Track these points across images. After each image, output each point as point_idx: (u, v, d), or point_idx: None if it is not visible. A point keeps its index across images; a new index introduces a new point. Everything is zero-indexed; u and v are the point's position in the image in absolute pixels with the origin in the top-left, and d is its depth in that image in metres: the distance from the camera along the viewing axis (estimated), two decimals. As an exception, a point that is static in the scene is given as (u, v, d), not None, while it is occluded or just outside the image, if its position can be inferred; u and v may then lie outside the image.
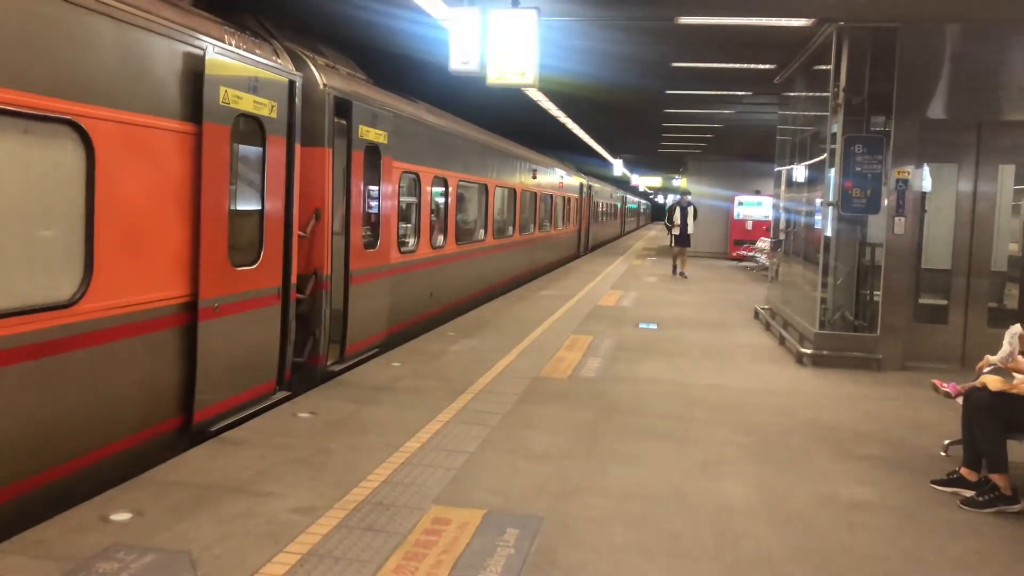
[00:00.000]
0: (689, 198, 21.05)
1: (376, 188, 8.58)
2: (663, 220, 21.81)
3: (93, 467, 4.64)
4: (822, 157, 9.69)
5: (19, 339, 4.04)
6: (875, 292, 9.08)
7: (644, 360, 8.94)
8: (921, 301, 9.45)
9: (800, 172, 11.50)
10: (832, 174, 9.14)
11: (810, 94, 10.85)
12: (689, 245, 19.97)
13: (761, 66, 11.61)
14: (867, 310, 9.20)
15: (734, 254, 25.66)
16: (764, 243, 20.22)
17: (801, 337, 9.64)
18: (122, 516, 4.10)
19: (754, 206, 26.27)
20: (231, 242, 5.86)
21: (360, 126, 7.85)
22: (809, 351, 9.07)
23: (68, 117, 4.30)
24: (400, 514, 4.32)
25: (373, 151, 8.32)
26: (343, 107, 7.61)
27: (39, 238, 4.30)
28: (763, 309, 12.44)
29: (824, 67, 9.49)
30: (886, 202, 8.79)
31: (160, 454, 5.16)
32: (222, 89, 5.62)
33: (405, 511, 4.36)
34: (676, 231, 19.65)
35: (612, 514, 4.49)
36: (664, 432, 6.17)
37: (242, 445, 5.37)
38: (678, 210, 19.82)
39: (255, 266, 6.21)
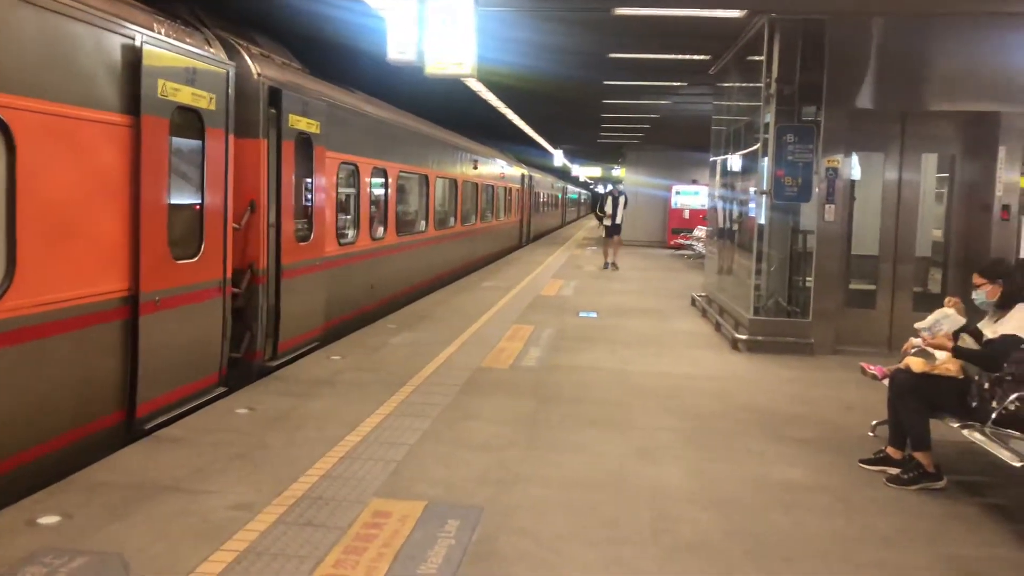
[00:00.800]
0: (621, 187, 20.87)
1: (310, 180, 8.45)
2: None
3: (21, 469, 4.49)
4: (755, 147, 9.90)
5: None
6: (807, 278, 9.31)
7: (584, 348, 9.03)
8: (851, 287, 9.76)
9: (735, 161, 11.72)
10: (765, 163, 9.34)
11: (743, 85, 11.05)
12: (619, 234, 19.50)
13: (696, 57, 11.78)
14: (800, 296, 9.45)
15: (672, 242, 26.05)
16: (701, 231, 20.48)
17: (736, 323, 9.84)
18: (50, 519, 3.97)
19: (691, 195, 26.68)
20: (171, 235, 5.76)
21: (290, 115, 7.72)
22: (744, 337, 9.27)
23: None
24: (340, 508, 4.29)
25: (305, 141, 8.19)
26: (275, 96, 7.48)
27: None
28: (700, 296, 12.67)
29: (757, 58, 9.68)
30: (817, 190, 9.02)
31: (104, 449, 5.05)
32: (160, 81, 5.50)
33: (345, 505, 4.33)
34: (607, 221, 19.23)
35: (552, 502, 4.53)
36: (604, 419, 6.25)
37: (178, 442, 5.26)
38: (609, 200, 19.39)
39: (196, 259, 6.12)
